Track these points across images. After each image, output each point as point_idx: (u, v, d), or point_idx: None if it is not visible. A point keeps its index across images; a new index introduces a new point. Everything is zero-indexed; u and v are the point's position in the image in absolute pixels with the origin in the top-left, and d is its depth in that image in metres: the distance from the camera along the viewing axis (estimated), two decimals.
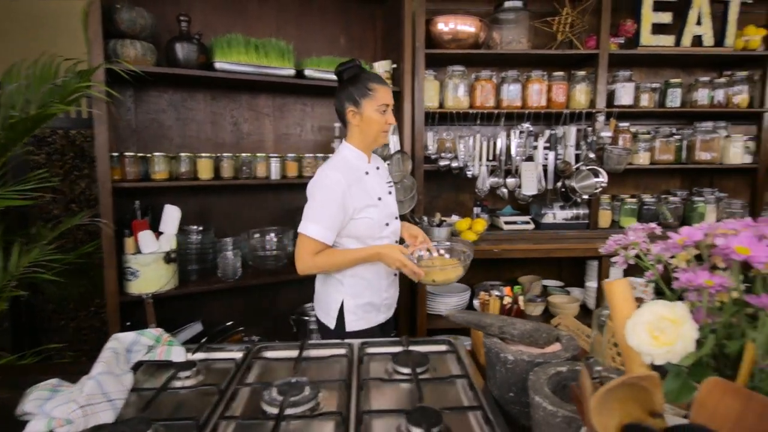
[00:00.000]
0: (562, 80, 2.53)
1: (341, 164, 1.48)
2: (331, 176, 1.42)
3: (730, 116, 2.70)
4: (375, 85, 1.46)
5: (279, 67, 2.09)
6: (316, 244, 1.41)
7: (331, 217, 1.41)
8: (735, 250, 0.56)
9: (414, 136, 2.41)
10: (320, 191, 1.43)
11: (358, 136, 1.51)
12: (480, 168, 2.49)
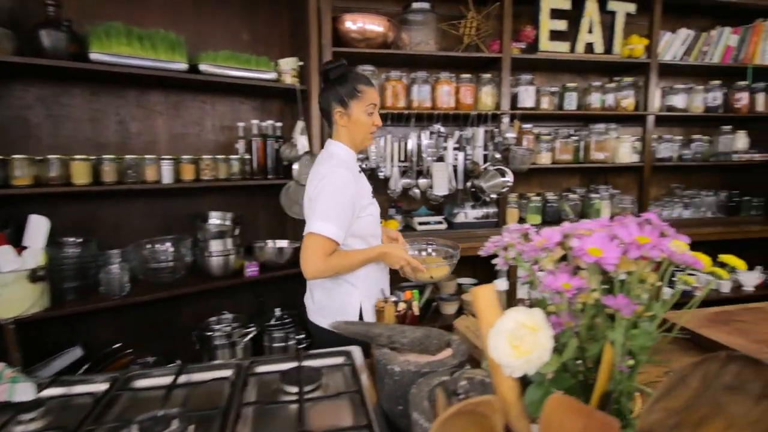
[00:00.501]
0: (470, 82, 2.58)
1: (343, 163, 1.42)
2: (341, 174, 1.37)
3: (619, 119, 2.92)
4: (363, 86, 1.43)
5: (168, 61, 1.90)
6: (331, 244, 1.34)
7: (344, 217, 1.36)
8: (587, 252, 0.54)
9: (323, 137, 2.33)
10: (332, 189, 1.35)
11: (346, 137, 1.47)
12: (392, 169, 2.46)
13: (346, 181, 1.36)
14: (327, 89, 1.44)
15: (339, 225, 1.34)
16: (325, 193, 1.35)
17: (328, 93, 1.43)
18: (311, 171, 1.47)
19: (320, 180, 1.37)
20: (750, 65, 2.89)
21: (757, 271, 3.02)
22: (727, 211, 3.08)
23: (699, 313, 1.56)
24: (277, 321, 2.42)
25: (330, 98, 1.43)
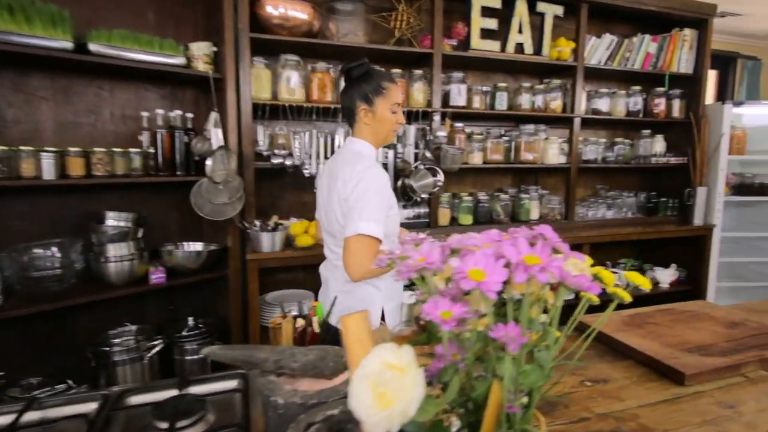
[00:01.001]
0: (401, 78, 2.48)
1: (375, 161, 1.44)
2: (380, 174, 1.38)
3: (548, 120, 2.96)
4: (388, 84, 1.43)
5: (47, 38, 1.64)
6: (373, 243, 1.31)
7: (383, 217, 1.35)
8: (468, 276, 0.43)
9: (241, 131, 2.14)
10: (375, 189, 1.35)
11: (369, 134, 1.47)
12: (318, 166, 2.32)
13: (385, 181, 1.38)
14: (351, 87, 1.44)
15: (382, 224, 1.34)
16: (370, 193, 1.33)
17: (353, 90, 1.43)
18: (336, 171, 1.43)
19: (359, 181, 1.34)
20: (667, 72, 3.03)
21: (672, 269, 3.19)
22: (646, 211, 3.23)
23: (615, 317, 1.56)
24: (189, 331, 2.20)
25: (355, 96, 1.42)
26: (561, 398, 1.09)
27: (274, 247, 2.14)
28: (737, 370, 1.21)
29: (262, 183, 2.53)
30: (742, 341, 1.34)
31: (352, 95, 1.43)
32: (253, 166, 2.19)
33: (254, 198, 2.21)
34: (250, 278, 2.10)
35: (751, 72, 4.65)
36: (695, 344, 1.32)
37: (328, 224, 1.51)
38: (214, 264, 2.23)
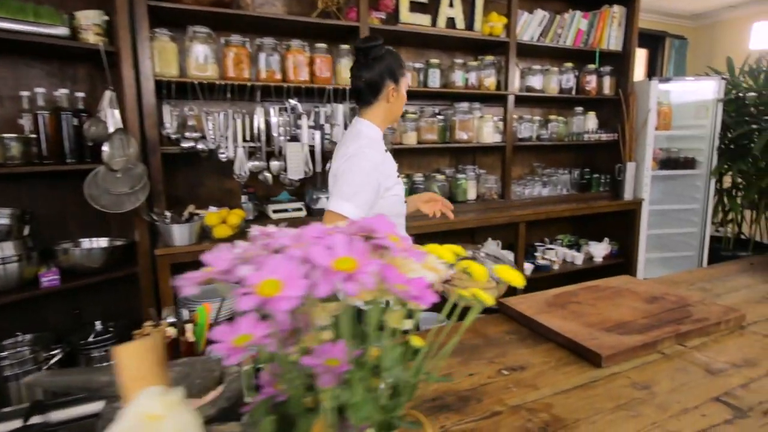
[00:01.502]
0: (326, 53, 2.32)
1: (372, 142, 1.40)
2: (370, 156, 1.35)
3: (482, 98, 2.90)
4: (404, 64, 1.47)
5: None
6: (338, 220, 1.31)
7: (365, 198, 1.34)
8: (256, 291, 0.32)
9: (142, 111, 1.92)
10: (359, 170, 1.33)
11: (383, 114, 1.45)
12: (236, 150, 2.13)
13: (374, 162, 1.35)
14: (376, 64, 1.39)
15: (358, 205, 1.32)
16: (351, 172, 1.33)
17: (380, 68, 1.39)
18: (339, 148, 1.44)
19: (349, 158, 1.34)
20: (597, 49, 3.04)
21: (604, 243, 3.26)
22: (580, 187, 3.27)
23: (540, 297, 1.52)
24: (97, 337, 1.99)
25: (384, 73, 1.39)
26: (473, 391, 1.02)
27: (187, 239, 1.96)
28: (654, 347, 1.19)
29: (177, 170, 2.31)
30: (660, 316, 1.34)
31: (381, 73, 1.39)
32: (159, 151, 1.97)
33: (163, 186, 2.00)
34: (162, 275, 1.91)
35: (679, 51, 4.82)
36: (615, 322, 1.30)
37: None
38: (121, 261, 2.01)
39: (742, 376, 1.06)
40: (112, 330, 2.06)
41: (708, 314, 1.34)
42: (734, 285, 1.72)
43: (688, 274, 1.87)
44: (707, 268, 1.96)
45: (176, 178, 2.36)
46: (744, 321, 1.36)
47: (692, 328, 1.25)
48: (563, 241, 3.46)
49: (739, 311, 1.35)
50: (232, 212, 2.03)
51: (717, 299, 1.57)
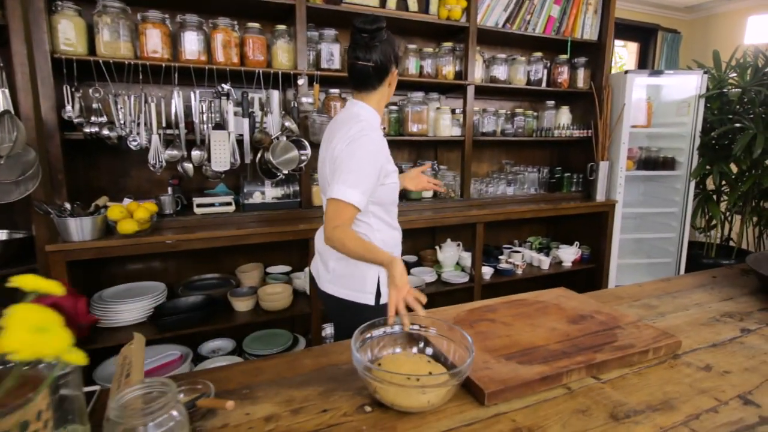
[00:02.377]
0: (259, 34, 2.12)
1: (374, 126, 1.36)
2: (374, 139, 1.30)
3: (440, 88, 2.69)
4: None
5: None
6: (354, 211, 1.27)
7: (369, 183, 1.29)
8: None
9: (37, 92, 1.73)
10: (363, 154, 1.28)
11: (380, 99, 1.40)
12: (151, 138, 1.94)
13: (378, 146, 1.31)
14: (384, 47, 1.32)
15: (363, 191, 1.28)
16: (356, 157, 1.27)
17: (388, 53, 1.33)
18: (333, 132, 1.37)
19: (351, 142, 1.28)
20: (569, 38, 2.82)
21: (574, 247, 3.06)
22: (549, 187, 3.06)
23: (450, 312, 1.33)
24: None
25: (391, 58, 1.34)
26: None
27: (89, 235, 1.78)
28: (558, 381, 0.99)
29: (100, 158, 2.14)
30: (578, 341, 1.14)
31: (388, 56, 1.33)
32: (58, 137, 1.79)
33: (65, 175, 1.82)
34: (54, 274, 1.73)
35: (671, 45, 4.57)
36: (523, 347, 1.10)
37: (322, 188, 1.47)
38: (21, 256, 1.84)
39: (653, 424, 0.87)
40: None
41: (636, 339, 1.14)
42: (685, 302, 1.52)
43: (637, 288, 1.67)
44: (662, 281, 1.76)
45: (98, 167, 2.18)
46: (679, 348, 1.16)
47: (611, 358, 1.06)
48: (533, 243, 3.26)
49: (674, 337, 1.16)
50: (140, 206, 1.85)
51: (658, 319, 1.37)
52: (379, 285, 1.42)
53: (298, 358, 1.13)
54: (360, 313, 1.38)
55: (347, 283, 1.42)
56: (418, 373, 0.92)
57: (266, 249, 2.53)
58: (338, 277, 1.43)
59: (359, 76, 1.34)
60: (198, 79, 2.02)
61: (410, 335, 1.07)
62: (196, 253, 2.40)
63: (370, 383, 0.87)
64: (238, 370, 1.08)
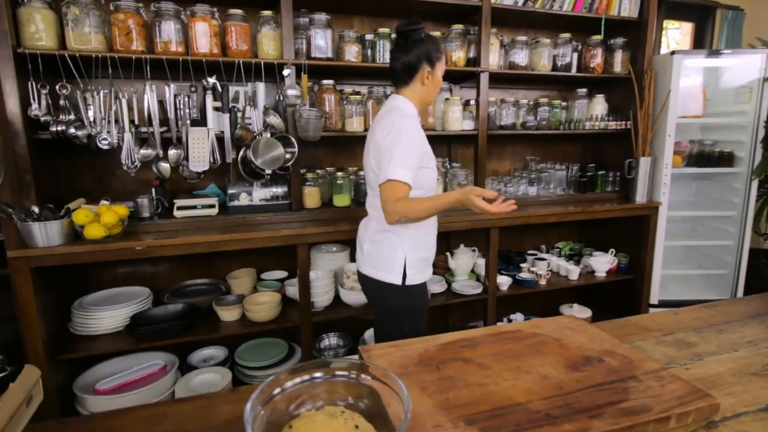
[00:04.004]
0: (242, 21, 1.94)
1: (409, 115, 1.47)
2: (410, 123, 1.43)
3: (453, 77, 2.41)
4: (442, 49, 1.58)
5: None
6: (399, 187, 1.37)
7: (412, 164, 1.40)
8: None
9: (1, 89, 1.63)
10: (405, 137, 1.40)
11: (419, 95, 1.53)
12: (123, 136, 1.81)
13: (415, 129, 1.44)
14: (415, 46, 1.46)
15: (411, 169, 1.39)
16: (398, 141, 1.39)
17: (418, 51, 1.46)
18: (375, 124, 1.52)
19: (391, 129, 1.41)
20: (603, 16, 2.45)
21: (608, 255, 2.69)
22: (580, 186, 2.70)
23: (418, 347, 1.07)
24: None
25: (422, 57, 1.47)
26: None
27: (57, 240, 1.67)
28: None
29: (82, 159, 2.05)
30: (573, 397, 0.86)
31: (418, 56, 1.46)
32: (25, 136, 1.69)
33: (32, 176, 1.71)
34: (19, 281, 1.63)
35: (732, 24, 4.00)
36: (495, 404, 0.84)
37: (366, 177, 1.59)
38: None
39: None
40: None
41: (655, 399, 0.85)
42: (734, 339, 1.19)
43: (671, 317, 1.34)
44: (705, 307, 1.41)
45: (81, 168, 2.09)
46: (716, 413, 0.86)
47: (614, 428, 0.78)
48: (563, 250, 2.91)
49: (709, 398, 0.85)
50: (110, 209, 1.72)
51: (693, 364, 1.06)
52: (406, 266, 1.51)
53: (216, 403, 0.93)
54: (388, 291, 1.53)
55: (377, 263, 1.54)
56: None
57: (260, 253, 2.37)
58: (370, 258, 1.56)
59: (392, 73, 1.52)
60: (174, 72, 1.86)
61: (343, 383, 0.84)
62: (186, 257, 2.27)
63: None
64: (141, 415, 0.89)
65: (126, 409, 0.91)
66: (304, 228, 1.99)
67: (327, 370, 0.81)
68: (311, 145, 2.21)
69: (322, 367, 0.82)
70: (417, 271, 1.54)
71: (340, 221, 2.10)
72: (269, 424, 0.72)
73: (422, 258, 1.56)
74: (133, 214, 1.92)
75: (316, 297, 2.12)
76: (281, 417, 0.76)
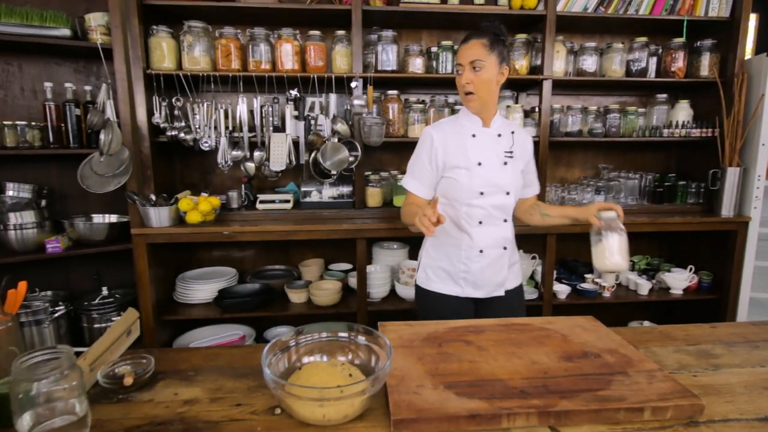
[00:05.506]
0: (320, 41, 2.23)
1: (448, 122, 1.53)
2: (425, 131, 1.51)
3: (517, 85, 2.46)
4: (461, 45, 1.43)
5: None
6: (412, 197, 1.52)
7: (421, 172, 1.50)
8: None
9: (133, 102, 2.09)
10: (417, 146, 1.53)
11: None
12: (220, 140, 2.19)
13: (425, 138, 1.49)
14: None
15: (419, 179, 1.50)
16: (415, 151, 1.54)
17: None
18: None
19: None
20: (685, 17, 2.32)
21: (686, 272, 2.51)
22: (654, 197, 2.56)
23: (434, 327, 1.20)
24: (101, 300, 2.26)
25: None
26: None
27: (166, 221, 2.09)
28: (494, 423, 0.84)
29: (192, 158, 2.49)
30: (553, 381, 0.95)
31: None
32: (148, 140, 2.13)
33: (152, 171, 2.16)
34: (138, 254, 2.07)
35: None
36: (478, 377, 0.97)
37: None
38: (121, 237, 2.25)
39: None
40: (118, 297, 2.32)
41: (635, 392, 0.90)
42: (764, 355, 1.14)
43: (706, 330, 1.30)
44: (754, 324, 1.34)
45: (191, 166, 2.54)
46: (700, 414, 0.88)
47: (581, 408, 0.86)
48: (638, 263, 2.77)
49: (693, 398, 0.88)
50: (206, 199, 2.10)
51: (706, 373, 1.06)
52: (422, 268, 1.59)
53: (257, 351, 1.17)
54: (426, 299, 1.58)
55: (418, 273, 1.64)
56: (325, 385, 0.87)
57: (330, 246, 2.64)
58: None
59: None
60: (261, 86, 2.20)
61: (343, 343, 1.01)
62: (267, 245, 2.62)
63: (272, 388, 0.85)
64: (201, 353, 1.16)
65: (194, 348, 1.19)
66: (364, 224, 2.20)
67: (331, 332, 1.00)
68: (376, 150, 2.43)
69: (327, 329, 1.01)
70: (427, 277, 1.57)
71: (398, 220, 2.28)
72: (286, 369, 0.93)
73: (438, 267, 1.55)
74: (224, 205, 2.30)
75: (372, 288, 2.32)
76: (294, 364, 0.96)
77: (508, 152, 1.50)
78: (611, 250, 1.35)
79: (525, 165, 1.57)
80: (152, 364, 1.02)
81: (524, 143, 1.57)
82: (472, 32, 1.43)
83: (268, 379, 0.83)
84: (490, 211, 1.48)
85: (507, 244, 1.55)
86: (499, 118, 1.53)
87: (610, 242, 1.35)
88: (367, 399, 0.85)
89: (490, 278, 1.53)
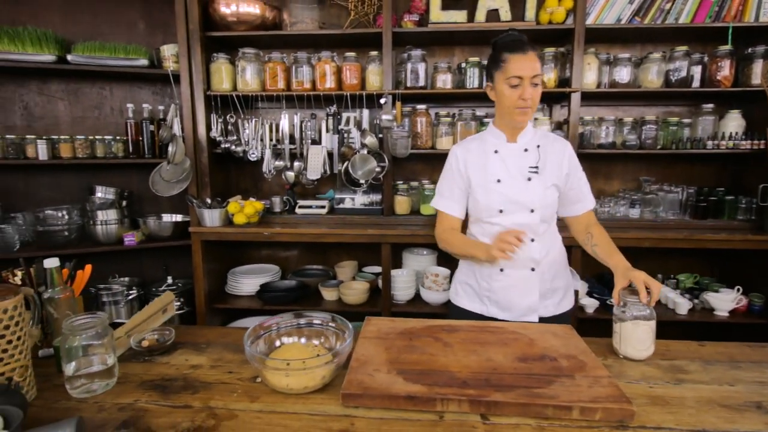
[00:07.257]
0: (355, 61, 2.44)
1: (474, 139, 1.51)
2: (451, 150, 1.53)
3: (544, 97, 2.48)
4: (508, 54, 1.31)
5: (35, 53, 2.19)
6: (441, 214, 1.53)
7: (450, 189, 1.51)
8: None
9: (195, 119, 2.44)
10: (445, 165, 1.55)
11: (497, 113, 1.45)
12: (264, 151, 2.48)
13: (451, 158, 1.51)
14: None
15: (448, 197, 1.51)
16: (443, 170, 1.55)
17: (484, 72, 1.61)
18: None
19: None
20: (730, 24, 2.20)
21: (733, 292, 2.35)
22: (695, 212, 2.43)
23: (413, 323, 1.33)
24: (166, 287, 2.66)
25: (485, 76, 1.44)
26: None
27: (217, 222, 2.41)
28: (429, 406, 0.97)
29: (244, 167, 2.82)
30: (497, 376, 1.06)
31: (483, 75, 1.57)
32: (206, 151, 2.48)
33: (209, 178, 2.50)
34: (195, 249, 2.41)
35: None
36: (429, 367, 1.10)
37: None
38: (183, 234, 2.63)
39: None
40: (180, 285, 2.70)
41: (570, 393, 0.98)
42: (748, 376, 1.13)
43: (692, 348, 1.29)
44: (748, 345, 1.29)
45: (244, 174, 2.88)
46: (631, 420, 0.93)
47: (509, 401, 0.95)
48: (684, 282, 2.64)
49: (624, 403, 0.94)
50: (251, 203, 2.39)
51: (665, 386, 1.09)
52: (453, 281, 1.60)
53: None
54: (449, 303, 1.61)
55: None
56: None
57: (365, 249, 2.83)
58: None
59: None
60: (300, 102, 2.47)
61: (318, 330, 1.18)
62: (308, 247, 2.88)
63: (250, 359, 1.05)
64: (217, 331, 1.40)
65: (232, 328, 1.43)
66: (389, 230, 2.37)
67: (307, 318, 1.18)
68: (407, 161, 2.58)
69: (303, 317, 1.19)
70: (456, 291, 1.58)
71: (423, 227, 2.42)
72: (267, 347, 1.13)
73: (465, 283, 1.55)
74: (269, 209, 2.59)
75: (397, 290, 2.47)
76: (274, 343, 1.16)
77: (533, 167, 1.40)
78: (625, 339, 1.20)
79: (566, 177, 1.43)
80: (173, 335, 1.27)
81: (560, 153, 1.43)
82: (523, 42, 1.33)
83: (247, 353, 1.03)
84: (508, 226, 1.40)
85: (535, 266, 1.44)
86: (531, 130, 1.45)
87: (623, 330, 1.20)
88: (329, 374, 1.02)
89: (516, 301, 1.45)
